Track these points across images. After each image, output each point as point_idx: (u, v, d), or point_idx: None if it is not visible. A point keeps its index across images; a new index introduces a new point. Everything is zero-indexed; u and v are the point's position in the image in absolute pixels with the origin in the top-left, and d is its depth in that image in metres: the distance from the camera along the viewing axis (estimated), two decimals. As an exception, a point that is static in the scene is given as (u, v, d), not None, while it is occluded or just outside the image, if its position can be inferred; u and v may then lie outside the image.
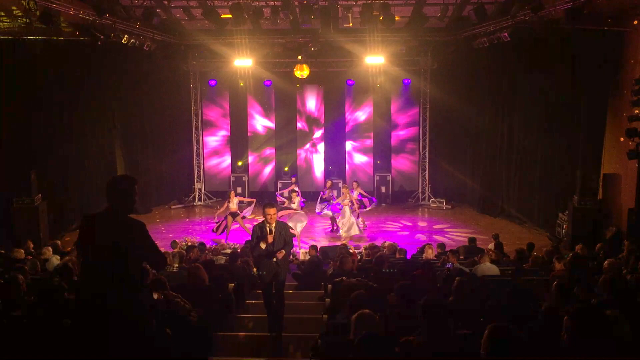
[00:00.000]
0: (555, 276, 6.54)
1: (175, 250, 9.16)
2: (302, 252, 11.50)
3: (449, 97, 15.41)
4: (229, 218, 12.58)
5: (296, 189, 13.49)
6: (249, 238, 8.63)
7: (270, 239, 6.34)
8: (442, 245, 10.61)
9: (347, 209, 12.90)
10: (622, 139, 10.65)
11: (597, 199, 11.64)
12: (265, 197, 14.71)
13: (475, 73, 15.13)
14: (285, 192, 13.65)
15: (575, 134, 12.27)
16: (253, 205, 13.64)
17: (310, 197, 15.25)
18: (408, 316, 4.53)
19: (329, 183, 14.65)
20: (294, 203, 12.76)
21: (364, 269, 8.07)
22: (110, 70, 14.13)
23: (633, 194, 10.51)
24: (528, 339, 3.69)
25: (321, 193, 14.20)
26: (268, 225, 6.40)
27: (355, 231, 12.78)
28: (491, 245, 10.64)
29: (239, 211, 12.85)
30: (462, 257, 9.36)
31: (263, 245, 6.34)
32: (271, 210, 6.43)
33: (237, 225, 12.82)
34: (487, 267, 7.78)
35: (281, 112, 17.19)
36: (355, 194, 13.53)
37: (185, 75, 16.44)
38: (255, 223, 6.69)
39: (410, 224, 14.58)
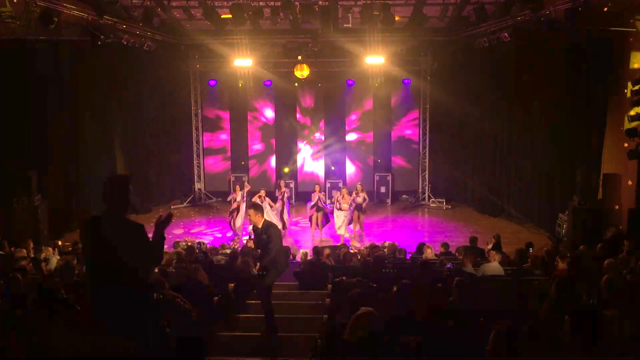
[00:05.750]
0: (557, 276, 6.54)
1: (176, 250, 9.16)
2: (301, 253, 11.48)
3: (449, 97, 15.38)
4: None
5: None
6: None
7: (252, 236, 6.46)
8: (445, 245, 10.57)
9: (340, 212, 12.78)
10: (622, 140, 10.66)
11: (597, 199, 11.63)
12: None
13: (475, 73, 15.11)
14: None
15: (575, 133, 12.27)
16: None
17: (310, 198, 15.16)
18: (407, 316, 4.53)
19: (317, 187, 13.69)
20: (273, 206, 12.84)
21: (364, 269, 8.07)
22: (110, 70, 14.12)
23: (633, 194, 10.51)
24: (529, 339, 3.69)
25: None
26: (255, 226, 6.43)
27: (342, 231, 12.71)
28: (490, 245, 10.62)
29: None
30: (460, 256, 9.31)
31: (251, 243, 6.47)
32: (249, 212, 6.45)
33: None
34: (493, 267, 7.73)
35: (281, 112, 17.18)
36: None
37: (185, 75, 16.42)
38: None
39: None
